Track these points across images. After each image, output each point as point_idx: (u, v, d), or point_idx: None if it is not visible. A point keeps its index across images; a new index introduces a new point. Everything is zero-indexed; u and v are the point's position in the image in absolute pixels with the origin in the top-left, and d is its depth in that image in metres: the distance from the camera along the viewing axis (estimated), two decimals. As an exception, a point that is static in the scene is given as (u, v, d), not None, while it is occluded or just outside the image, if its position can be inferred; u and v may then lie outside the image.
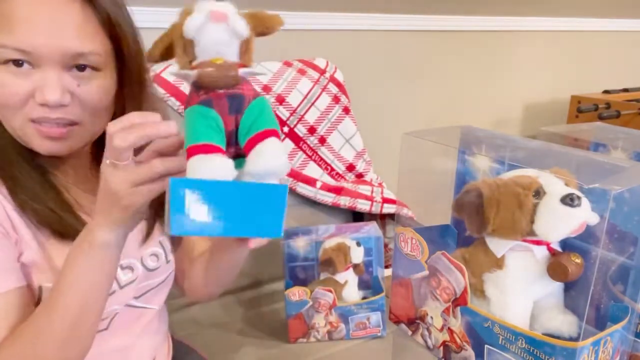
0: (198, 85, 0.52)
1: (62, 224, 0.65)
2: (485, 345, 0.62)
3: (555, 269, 0.58)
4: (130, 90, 0.68)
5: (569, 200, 0.56)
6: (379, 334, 1.10)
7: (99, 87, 0.63)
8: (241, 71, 0.52)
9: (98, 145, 0.74)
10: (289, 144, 1.36)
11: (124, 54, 0.65)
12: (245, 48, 0.53)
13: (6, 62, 0.59)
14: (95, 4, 0.61)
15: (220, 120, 0.51)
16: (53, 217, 0.64)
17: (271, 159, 0.51)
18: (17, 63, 0.59)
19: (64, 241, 0.65)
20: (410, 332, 0.74)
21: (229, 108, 0.52)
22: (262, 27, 0.54)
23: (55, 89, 0.59)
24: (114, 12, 0.63)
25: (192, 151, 0.49)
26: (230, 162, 0.50)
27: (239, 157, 0.53)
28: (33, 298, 0.65)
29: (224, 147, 0.51)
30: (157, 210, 0.73)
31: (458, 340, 0.66)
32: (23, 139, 0.64)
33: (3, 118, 0.63)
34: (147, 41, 0.74)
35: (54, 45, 0.59)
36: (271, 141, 0.51)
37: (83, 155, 0.73)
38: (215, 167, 0.49)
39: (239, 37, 0.52)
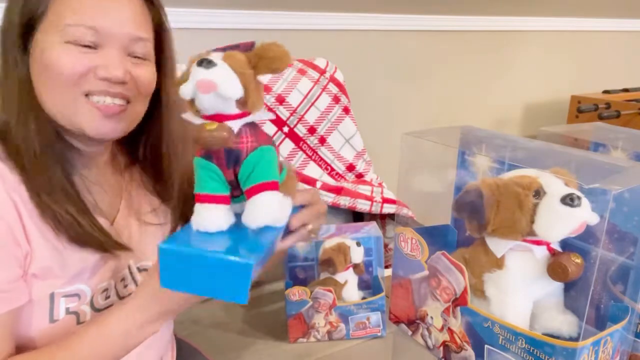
0: None
1: (80, 231, 0.65)
2: (485, 345, 0.62)
3: (555, 269, 0.58)
4: (166, 84, 0.73)
5: (569, 200, 0.56)
6: (379, 334, 1.10)
7: (149, 72, 0.69)
8: (238, 123, 0.55)
9: (119, 152, 0.78)
10: (288, 144, 1.36)
11: (163, 47, 0.72)
12: (246, 97, 0.54)
13: (70, 42, 0.62)
14: (153, 1, 0.70)
15: (220, 171, 0.55)
16: (71, 223, 0.64)
17: (261, 216, 0.55)
18: (82, 44, 0.63)
19: (80, 247, 0.66)
20: (410, 332, 0.74)
21: (226, 162, 0.55)
22: (266, 69, 0.55)
23: (120, 66, 0.64)
24: (162, 11, 0.72)
25: (197, 199, 0.56)
26: (224, 214, 0.56)
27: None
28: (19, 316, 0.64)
29: (225, 193, 0.56)
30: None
31: (458, 340, 0.66)
32: (72, 118, 0.64)
33: (51, 96, 0.64)
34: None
35: (121, 27, 0.64)
36: (263, 196, 0.54)
37: (107, 156, 0.75)
38: (211, 219, 0.55)
39: (234, 98, 0.53)
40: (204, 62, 0.51)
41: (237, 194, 0.57)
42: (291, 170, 0.65)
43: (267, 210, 0.55)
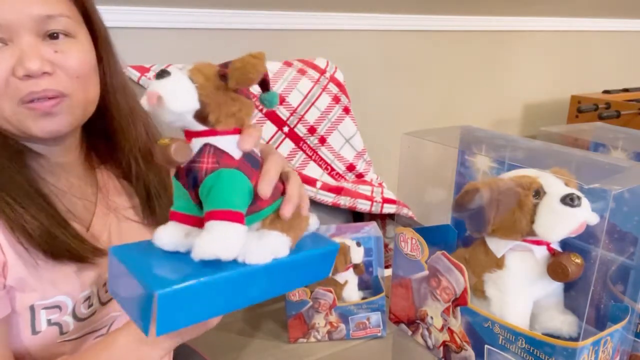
0: None
1: (52, 243, 0.61)
2: (485, 345, 0.62)
3: (555, 269, 0.58)
4: (107, 58, 0.68)
5: (569, 200, 0.56)
6: (379, 334, 1.10)
7: (78, 51, 0.62)
8: (202, 141, 0.50)
9: (90, 147, 0.73)
10: (289, 144, 1.36)
11: (92, 20, 0.65)
12: (204, 112, 0.48)
13: None
14: None
15: (185, 191, 0.51)
16: (43, 236, 0.60)
17: (200, 246, 0.48)
18: None
19: (54, 260, 0.62)
20: (410, 332, 0.74)
21: (187, 182, 0.50)
22: (236, 80, 0.49)
23: (34, 57, 0.58)
24: None
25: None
26: (179, 233, 0.52)
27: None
28: (9, 325, 0.61)
29: (191, 212, 0.52)
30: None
31: (458, 340, 0.66)
32: (18, 127, 0.61)
33: None
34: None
35: (22, 12, 0.58)
36: (207, 228, 0.48)
37: (75, 156, 0.71)
38: (159, 235, 0.52)
39: (184, 112, 0.48)
40: (159, 73, 0.47)
41: None
42: (295, 204, 0.54)
43: (206, 242, 0.47)
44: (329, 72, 1.43)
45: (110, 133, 0.72)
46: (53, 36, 0.61)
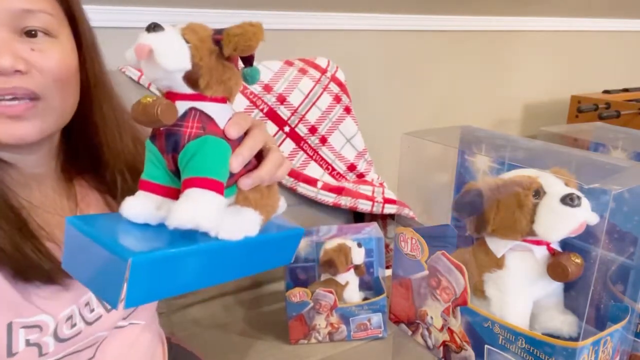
0: None
1: (24, 264, 0.56)
2: (485, 345, 0.62)
3: (555, 269, 0.58)
4: (91, 62, 0.64)
5: (569, 200, 0.56)
6: (380, 335, 1.10)
7: (57, 52, 0.58)
8: (187, 104, 0.47)
9: (65, 158, 0.69)
10: (289, 144, 1.36)
11: (77, 21, 0.61)
12: (195, 74, 0.46)
13: None
14: None
15: (161, 157, 0.49)
16: (14, 255, 0.55)
17: (177, 215, 0.44)
18: None
19: (25, 282, 0.57)
20: (410, 332, 0.74)
21: (165, 146, 0.48)
22: (232, 46, 0.47)
23: (5, 53, 0.53)
24: None
25: (138, 184, 0.50)
26: (152, 204, 0.48)
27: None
28: None
29: (164, 182, 0.49)
30: None
31: (458, 340, 0.66)
32: None
33: None
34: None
35: None
36: (187, 195, 0.45)
37: (51, 167, 0.66)
38: (130, 206, 0.49)
39: (175, 70, 0.45)
40: (150, 26, 0.44)
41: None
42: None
43: (185, 208, 0.44)
44: (330, 71, 1.43)
45: (94, 144, 0.67)
46: (31, 34, 0.56)
